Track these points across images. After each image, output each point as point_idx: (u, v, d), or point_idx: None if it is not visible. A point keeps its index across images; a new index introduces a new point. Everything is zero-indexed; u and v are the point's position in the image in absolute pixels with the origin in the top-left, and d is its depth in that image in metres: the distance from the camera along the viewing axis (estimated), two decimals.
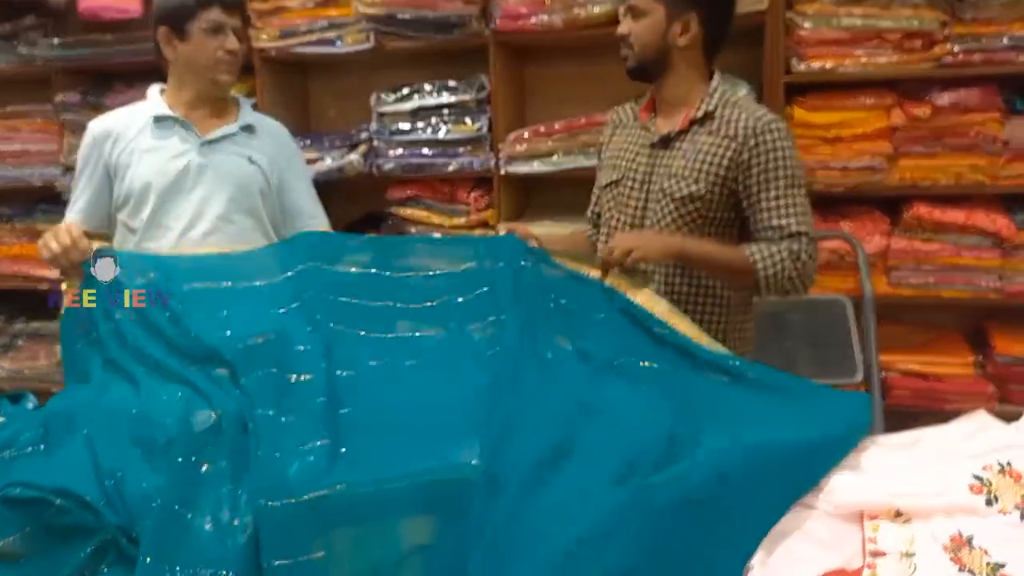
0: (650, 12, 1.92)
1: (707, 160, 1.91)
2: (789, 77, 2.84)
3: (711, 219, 1.95)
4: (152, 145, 2.10)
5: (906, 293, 2.87)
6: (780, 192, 1.88)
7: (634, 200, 2.01)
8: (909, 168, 2.80)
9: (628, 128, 2.11)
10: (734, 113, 1.92)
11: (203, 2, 2.06)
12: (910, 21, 2.73)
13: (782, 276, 1.85)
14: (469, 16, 3.04)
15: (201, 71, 2.11)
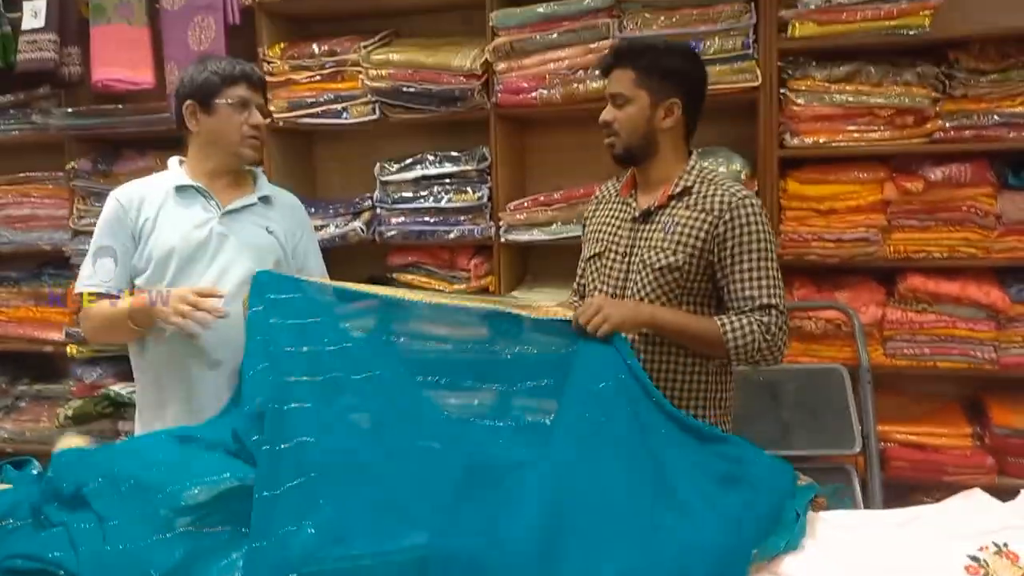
0: (635, 99, 2.03)
1: (685, 232, 2.00)
2: (783, 151, 2.90)
3: (689, 289, 2.03)
4: (174, 213, 2.15)
5: (902, 364, 2.89)
6: (752, 265, 1.97)
7: (616, 271, 2.10)
8: (903, 240, 2.85)
9: (610, 204, 2.21)
10: (710, 189, 2.02)
11: (230, 78, 2.12)
12: (901, 98, 2.80)
13: (752, 347, 1.93)
14: (472, 90, 3.13)
15: (225, 145, 2.17)
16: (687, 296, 2.03)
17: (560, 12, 3.04)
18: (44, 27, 3.42)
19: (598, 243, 2.16)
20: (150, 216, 2.16)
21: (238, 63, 2.18)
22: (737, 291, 1.97)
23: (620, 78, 2.05)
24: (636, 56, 2.04)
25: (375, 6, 3.36)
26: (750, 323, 1.94)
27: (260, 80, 2.20)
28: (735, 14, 2.88)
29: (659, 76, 2.02)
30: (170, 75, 3.36)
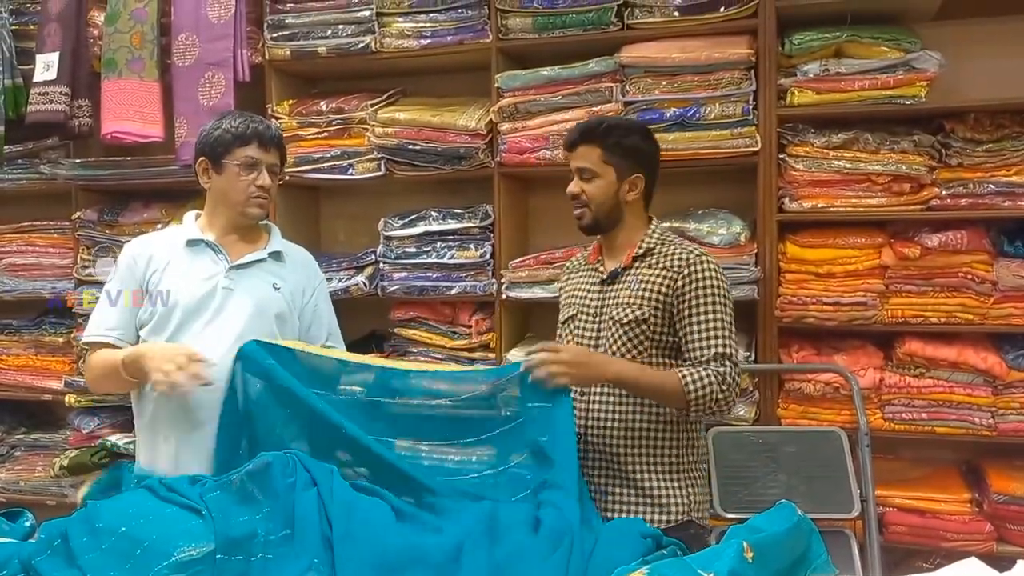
0: (603, 175, 2.18)
1: (648, 288, 2.13)
2: (782, 215, 2.95)
3: (656, 342, 2.13)
4: (184, 267, 2.17)
5: (900, 428, 2.90)
6: (708, 316, 2.08)
7: (589, 331, 2.22)
8: (900, 305, 2.88)
9: (580, 272, 2.35)
10: (670, 248, 2.17)
11: (240, 139, 2.15)
12: (898, 166, 2.86)
13: (710, 398, 2.03)
14: (476, 149, 3.18)
15: (232, 204, 2.20)
16: (654, 348, 2.13)
17: (564, 75, 3.11)
18: (56, 79, 3.48)
19: (571, 307, 2.29)
20: (159, 268, 2.18)
21: (253, 121, 2.20)
22: (693, 341, 2.08)
23: (587, 154, 2.19)
24: (603, 134, 2.18)
25: (383, 66, 3.42)
26: (707, 374, 2.03)
27: (274, 139, 2.21)
28: (735, 81, 2.94)
29: (623, 153, 2.17)
30: (179, 129, 3.42)
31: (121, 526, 1.63)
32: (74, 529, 1.67)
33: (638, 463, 2.12)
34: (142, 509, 1.70)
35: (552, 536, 1.66)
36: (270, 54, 3.42)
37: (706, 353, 2.06)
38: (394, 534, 1.68)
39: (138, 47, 3.43)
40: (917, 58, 2.85)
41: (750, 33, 2.97)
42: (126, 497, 1.82)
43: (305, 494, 1.70)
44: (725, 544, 1.37)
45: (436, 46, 3.26)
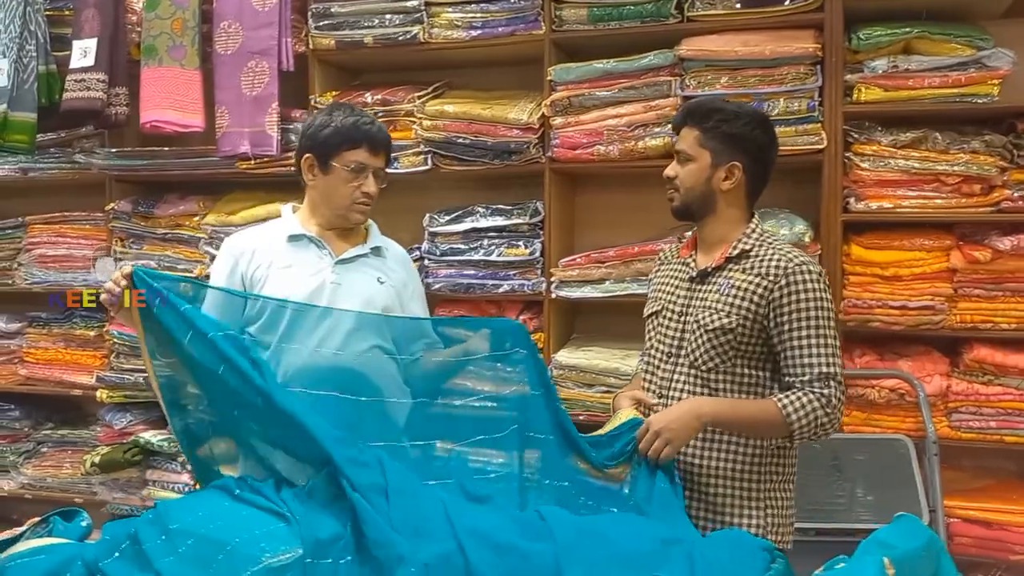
0: (697, 158, 2.04)
1: (739, 295, 1.98)
2: (847, 215, 2.86)
3: (743, 352, 1.99)
4: (288, 262, 2.12)
5: (967, 436, 2.81)
6: (810, 332, 1.93)
7: (672, 331, 2.08)
8: (969, 310, 2.79)
9: (671, 264, 2.20)
10: (768, 252, 2.00)
11: (351, 140, 2.09)
12: (968, 166, 2.77)
13: (815, 424, 1.90)
14: (528, 144, 3.09)
15: (334, 207, 2.14)
16: (741, 358, 1.99)
17: (621, 69, 3.02)
18: (93, 66, 3.38)
19: (656, 302, 2.16)
20: (262, 264, 2.14)
21: (365, 121, 2.13)
22: (794, 360, 1.93)
23: (686, 136, 2.07)
24: (703, 117, 2.05)
25: (429, 58, 3.34)
26: (809, 400, 1.89)
27: (383, 142, 2.15)
28: (800, 76, 2.85)
29: (722, 139, 2.03)
30: (220, 119, 3.33)
31: (199, 528, 1.54)
32: (145, 531, 1.58)
33: (710, 475, 1.99)
34: (218, 510, 1.62)
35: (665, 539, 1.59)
36: (314, 43, 3.33)
37: (808, 373, 1.90)
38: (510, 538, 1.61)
39: (179, 34, 3.34)
40: (989, 56, 2.76)
41: (815, 27, 2.88)
42: (198, 497, 1.73)
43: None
44: (862, 560, 1.28)
45: (486, 37, 3.17)
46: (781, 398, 1.91)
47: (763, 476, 1.99)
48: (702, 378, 2.01)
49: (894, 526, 1.43)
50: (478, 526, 1.62)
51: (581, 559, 1.56)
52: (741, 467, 1.98)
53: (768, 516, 1.98)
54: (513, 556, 1.56)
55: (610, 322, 3.32)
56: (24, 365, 3.82)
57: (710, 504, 1.99)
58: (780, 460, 2.02)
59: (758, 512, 1.98)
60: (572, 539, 1.59)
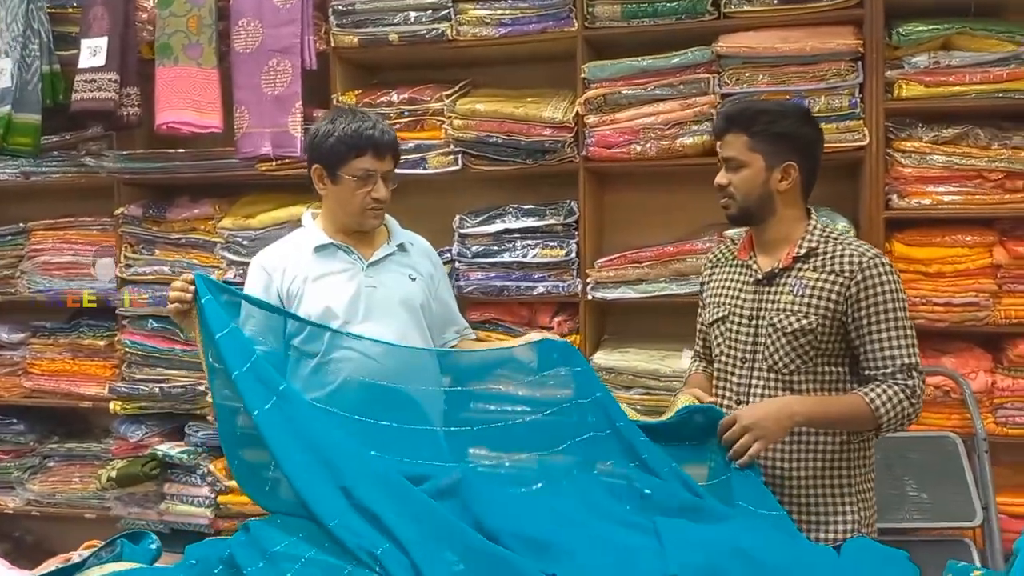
0: (750, 164, 1.99)
1: (815, 295, 1.94)
2: (889, 212, 2.84)
3: (822, 351, 1.96)
4: (320, 272, 2.13)
5: (1013, 432, 2.81)
6: (890, 325, 1.91)
7: (743, 336, 2.04)
8: (1013, 306, 2.79)
9: (728, 266, 2.14)
10: (837, 248, 1.97)
11: (356, 148, 2.07)
12: (1010, 162, 2.77)
13: (902, 415, 1.90)
14: (563, 143, 3.03)
15: (346, 215, 2.15)
16: (820, 357, 1.96)
17: (657, 66, 2.97)
18: (104, 66, 3.25)
19: (720, 307, 2.09)
20: (296, 278, 2.13)
21: (367, 126, 2.09)
22: (876, 353, 1.91)
23: (733, 143, 2.01)
24: (748, 121, 2.00)
25: (454, 56, 3.26)
26: (895, 392, 1.88)
27: (389, 145, 2.12)
28: (841, 73, 2.83)
29: (773, 140, 1.98)
30: (240, 120, 3.22)
31: (303, 551, 1.45)
32: (242, 554, 1.50)
33: (800, 477, 1.96)
34: (319, 534, 1.53)
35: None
36: (335, 41, 3.24)
37: (891, 365, 1.88)
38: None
39: (195, 32, 3.23)
40: None
41: (854, 23, 2.86)
42: (291, 518, 1.64)
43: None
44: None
45: (516, 34, 3.10)
46: (867, 392, 1.88)
47: (852, 471, 1.97)
48: (783, 380, 1.97)
49: None
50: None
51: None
52: (830, 464, 1.95)
53: (861, 510, 1.96)
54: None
55: (640, 322, 3.28)
56: (28, 377, 3.67)
57: (803, 506, 1.95)
58: (864, 453, 2.00)
59: (852, 507, 1.95)
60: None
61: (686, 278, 3.00)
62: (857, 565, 1.49)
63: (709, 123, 2.93)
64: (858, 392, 1.90)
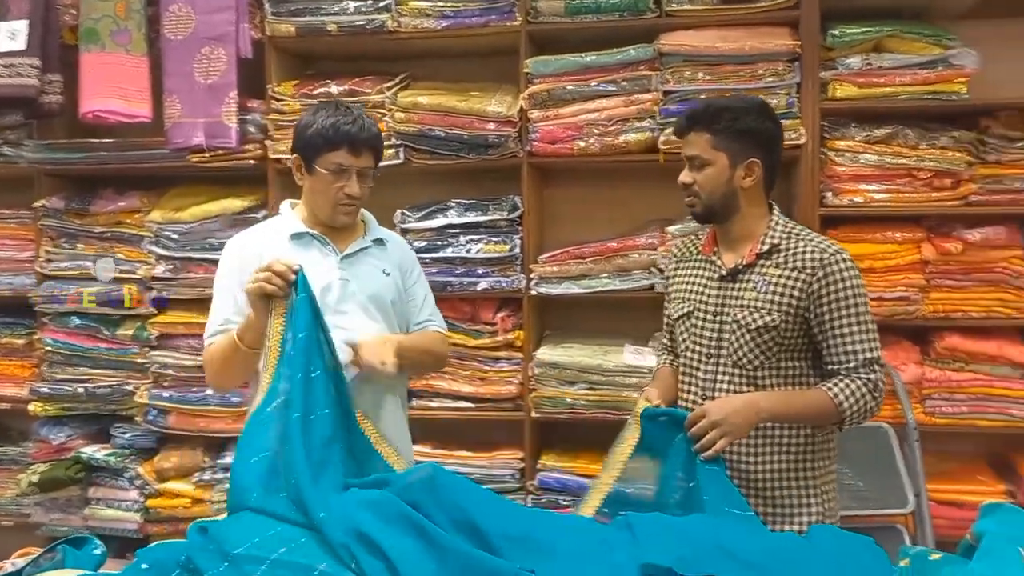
0: (714, 162, 2.00)
1: (778, 292, 1.97)
2: (824, 209, 2.92)
3: (786, 347, 1.99)
4: (296, 260, 2.02)
5: (941, 422, 2.92)
6: (852, 320, 1.94)
7: (708, 331, 2.05)
8: (941, 300, 2.91)
9: (692, 262, 2.16)
10: (799, 244, 1.99)
11: (331, 142, 2.03)
12: (937, 161, 2.87)
13: (864, 409, 1.94)
14: (507, 137, 3.02)
15: (319, 208, 2.11)
16: (783, 352, 1.99)
17: (600, 62, 2.99)
18: (25, 50, 3.10)
19: (685, 303, 2.11)
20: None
21: (346, 120, 2.04)
22: (838, 348, 1.95)
23: (696, 141, 2.02)
24: (711, 119, 2.01)
25: (395, 48, 3.22)
26: (858, 386, 1.92)
27: (367, 141, 2.06)
28: (778, 73, 2.90)
29: (736, 137, 2.00)
30: (171, 108, 3.11)
31: (269, 551, 1.40)
32: (202, 558, 1.43)
33: (766, 471, 1.98)
34: (286, 531, 1.47)
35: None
36: (271, 30, 3.15)
37: (853, 360, 1.92)
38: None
39: (123, 18, 3.10)
40: (956, 55, 2.87)
41: (791, 25, 2.93)
42: (249, 518, 1.57)
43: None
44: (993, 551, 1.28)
45: (458, 27, 3.08)
46: (831, 386, 1.91)
47: (816, 464, 2.01)
48: (747, 376, 1.99)
49: (1003, 515, 1.43)
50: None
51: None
52: (795, 458, 1.99)
53: (825, 502, 2.01)
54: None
55: (582, 318, 3.29)
56: None
57: (768, 499, 1.98)
58: (827, 446, 2.04)
59: (816, 499, 1.99)
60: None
61: (629, 274, 3.03)
62: (829, 551, 1.51)
63: (652, 120, 2.97)
64: (822, 387, 1.93)
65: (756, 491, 1.97)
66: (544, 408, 3.05)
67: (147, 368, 3.27)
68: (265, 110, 3.19)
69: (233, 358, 1.98)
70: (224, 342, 2.00)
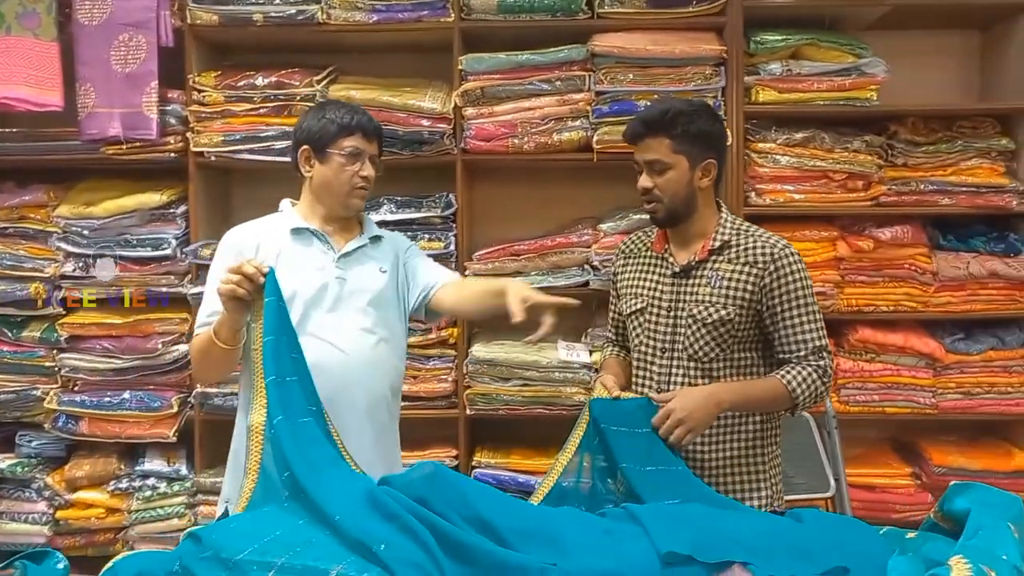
0: (675, 165, 2.05)
1: (732, 286, 2.04)
2: (748, 209, 3.04)
3: (739, 339, 2.07)
4: (293, 256, 2.08)
5: (854, 410, 3.09)
6: (802, 311, 2.04)
7: (663, 327, 2.10)
8: (855, 295, 3.08)
9: (641, 258, 2.20)
10: (749, 240, 2.08)
11: (346, 128, 2.08)
12: (850, 164, 3.05)
13: (815, 393, 2.03)
14: (442, 134, 3.01)
15: (335, 195, 2.11)
16: (736, 344, 2.07)
17: (534, 61, 3.01)
18: None
19: (638, 299, 2.16)
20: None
21: (356, 112, 2.13)
22: (789, 338, 2.04)
23: (655, 146, 2.06)
24: (670, 123, 2.05)
25: (322, 40, 3.14)
26: (809, 373, 2.01)
27: (375, 130, 2.15)
28: (706, 76, 3.00)
29: (693, 140, 2.05)
30: (84, 97, 2.95)
31: (277, 557, 1.36)
32: (200, 567, 1.37)
33: (720, 459, 2.06)
34: (290, 532, 1.43)
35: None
36: (192, 17, 3.03)
37: (804, 348, 2.01)
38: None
39: (31, 0, 2.91)
40: (868, 63, 3.04)
41: (717, 30, 3.03)
42: (252, 519, 1.52)
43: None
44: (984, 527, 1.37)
45: (390, 22, 3.04)
46: (784, 374, 2.00)
47: (764, 451, 2.09)
48: (702, 368, 2.06)
49: (979, 495, 1.52)
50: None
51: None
52: (747, 445, 2.07)
53: (773, 486, 2.10)
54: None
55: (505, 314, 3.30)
56: None
57: (722, 485, 2.05)
58: (776, 432, 2.13)
59: (766, 484, 2.08)
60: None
61: (563, 271, 3.07)
62: (825, 532, 1.58)
63: (585, 119, 3.02)
64: (775, 375, 2.01)
65: (711, 479, 2.05)
66: (479, 405, 3.06)
67: (56, 372, 3.09)
68: (186, 101, 3.07)
69: (210, 352, 1.97)
70: (204, 336, 1.98)
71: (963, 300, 3.08)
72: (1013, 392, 3.08)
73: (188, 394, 3.11)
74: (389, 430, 2.16)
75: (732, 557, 1.42)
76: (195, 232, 3.11)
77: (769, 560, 1.41)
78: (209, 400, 3.07)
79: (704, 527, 1.52)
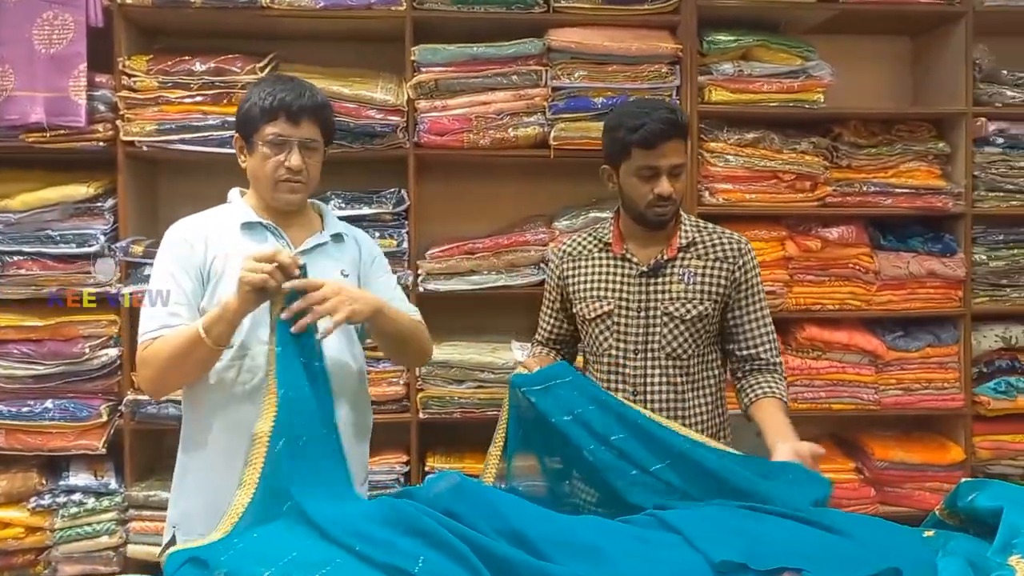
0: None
1: (707, 281, 2.05)
2: (701, 208, 3.05)
3: (711, 334, 2.10)
4: (245, 252, 1.80)
5: (802, 407, 3.14)
6: (763, 306, 2.11)
7: (635, 327, 2.07)
8: (803, 294, 3.13)
9: (595, 260, 2.14)
10: (712, 237, 2.10)
11: (268, 112, 1.84)
12: (798, 165, 3.09)
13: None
14: (395, 127, 2.89)
15: (261, 189, 1.91)
16: (707, 340, 2.08)
17: (489, 54, 2.94)
18: None
19: (603, 301, 2.09)
20: (218, 255, 1.83)
21: (281, 89, 1.86)
22: (754, 332, 2.08)
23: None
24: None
25: (260, 27, 2.97)
26: (783, 377, 2.11)
27: (307, 109, 1.86)
28: (661, 75, 2.99)
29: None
30: (3, 79, 2.70)
31: None
32: None
33: None
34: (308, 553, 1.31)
35: None
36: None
37: (767, 342, 2.07)
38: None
39: None
40: (814, 66, 3.10)
41: (671, 29, 3.03)
42: (267, 533, 1.38)
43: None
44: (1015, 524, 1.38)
45: (337, 8, 2.90)
46: (774, 390, 2.03)
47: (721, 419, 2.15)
48: (680, 367, 2.05)
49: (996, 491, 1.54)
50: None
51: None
52: (700, 406, 2.10)
53: None
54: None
55: (459, 315, 3.21)
56: None
57: None
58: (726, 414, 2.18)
59: None
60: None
61: (519, 270, 3.00)
62: (873, 533, 1.56)
63: (541, 115, 2.96)
64: (775, 396, 2.02)
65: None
66: (432, 408, 2.96)
67: None
68: (115, 86, 2.85)
69: (192, 354, 1.75)
70: (179, 337, 1.76)
71: (903, 299, 3.17)
72: (948, 387, 3.19)
73: (118, 402, 2.89)
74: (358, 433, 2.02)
75: (787, 564, 1.39)
76: (124, 228, 2.90)
77: (821, 565, 1.38)
78: (142, 408, 2.86)
79: (752, 534, 1.48)
